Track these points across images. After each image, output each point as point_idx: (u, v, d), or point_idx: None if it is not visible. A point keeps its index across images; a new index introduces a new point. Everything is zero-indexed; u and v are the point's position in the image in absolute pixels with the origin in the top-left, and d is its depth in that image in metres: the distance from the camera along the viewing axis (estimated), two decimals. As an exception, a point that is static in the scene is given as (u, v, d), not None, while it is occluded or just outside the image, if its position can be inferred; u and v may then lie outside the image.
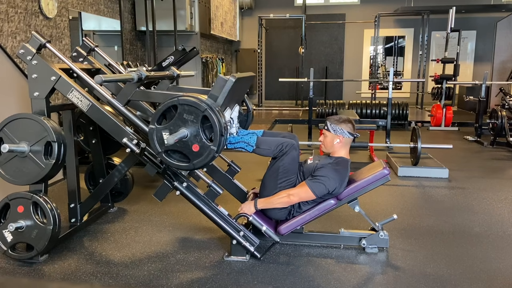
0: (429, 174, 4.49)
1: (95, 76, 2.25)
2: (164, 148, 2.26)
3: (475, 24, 10.69)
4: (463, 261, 2.58)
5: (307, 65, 10.49)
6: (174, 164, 2.29)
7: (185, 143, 2.22)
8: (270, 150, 2.58)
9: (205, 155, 2.22)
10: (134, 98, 2.57)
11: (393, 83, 5.83)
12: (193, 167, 2.29)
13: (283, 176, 2.59)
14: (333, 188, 2.51)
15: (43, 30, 4.24)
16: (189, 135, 2.21)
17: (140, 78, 2.44)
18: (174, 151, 2.28)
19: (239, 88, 2.59)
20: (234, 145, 2.62)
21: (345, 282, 2.34)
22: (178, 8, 6.69)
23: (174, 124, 2.22)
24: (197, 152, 2.22)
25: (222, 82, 2.27)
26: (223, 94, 2.27)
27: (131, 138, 2.54)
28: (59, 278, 2.39)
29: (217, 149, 2.19)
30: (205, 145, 2.21)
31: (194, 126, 2.20)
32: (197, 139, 2.21)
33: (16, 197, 2.50)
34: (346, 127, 2.61)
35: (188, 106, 2.19)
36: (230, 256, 2.60)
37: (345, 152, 2.65)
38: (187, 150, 2.24)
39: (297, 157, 2.62)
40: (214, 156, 2.23)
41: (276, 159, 2.61)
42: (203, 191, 2.65)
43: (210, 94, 2.27)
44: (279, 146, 2.56)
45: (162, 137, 2.24)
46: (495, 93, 8.30)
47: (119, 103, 2.54)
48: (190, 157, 2.25)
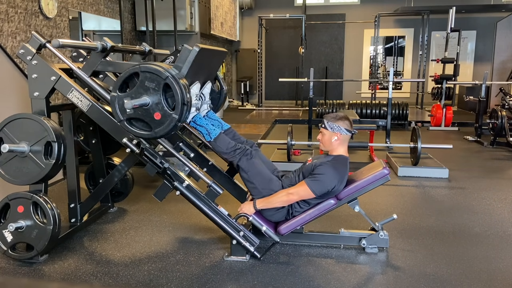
0: (429, 174, 4.49)
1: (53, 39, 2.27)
2: (126, 116, 2.25)
3: (475, 24, 10.69)
4: (463, 261, 2.58)
5: (307, 65, 10.50)
6: (136, 132, 2.29)
7: (147, 111, 2.22)
8: (222, 150, 2.63)
9: (166, 123, 2.21)
10: (99, 69, 2.58)
11: (393, 83, 5.83)
12: (155, 135, 2.28)
13: (259, 180, 2.61)
14: (332, 186, 2.50)
15: (43, 30, 4.24)
16: (150, 103, 2.20)
17: (105, 48, 2.43)
18: (136, 119, 2.27)
19: (209, 62, 2.58)
20: (197, 126, 2.64)
21: (345, 282, 2.34)
22: (178, 8, 6.69)
23: (136, 91, 2.22)
24: (158, 120, 2.22)
25: (186, 53, 2.27)
26: (187, 64, 2.26)
27: (131, 138, 2.54)
28: (59, 278, 2.39)
29: (178, 118, 2.18)
30: (166, 114, 2.20)
31: (156, 94, 2.19)
32: (159, 107, 2.20)
33: (16, 197, 2.50)
34: (343, 124, 2.61)
35: (150, 74, 2.18)
36: (230, 256, 2.60)
37: (343, 149, 2.65)
38: (149, 118, 2.23)
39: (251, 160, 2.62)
40: (176, 125, 2.22)
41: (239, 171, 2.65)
42: (203, 191, 2.65)
43: (174, 65, 2.28)
44: (233, 151, 2.61)
45: (123, 105, 2.22)
46: (495, 93, 8.30)
47: (84, 73, 2.55)
48: (152, 125, 2.25)
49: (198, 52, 2.27)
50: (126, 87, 2.28)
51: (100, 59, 2.54)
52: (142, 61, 3.09)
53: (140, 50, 2.99)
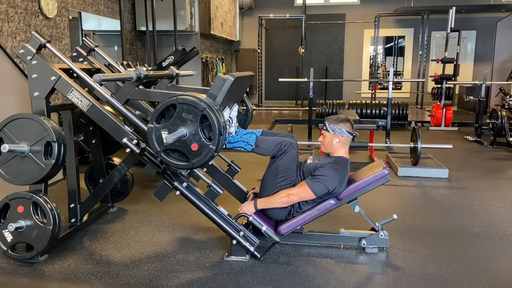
0: (429, 174, 4.49)
1: (94, 75, 2.25)
2: (163, 147, 2.26)
3: (475, 24, 10.69)
4: (463, 261, 2.58)
5: (307, 65, 10.49)
6: (173, 163, 2.29)
7: (184, 142, 2.22)
8: (269, 149, 2.59)
9: (204, 154, 2.22)
10: (133, 97, 2.57)
11: (393, 83, 5.83)
12: (192, 166, 2.29)
13: (283, 175, 2.59)
14: (333, 188, 2.51)
15: (43, 30, 4.24)
16: (188, 134, 2.21)
17: (139, 77, 2.44)
18: (173, 150, 2.28)
19: (238, 87, 2.59)
20: (233, 144, 2.62)
21: (345, 282, 2.34)
22: (178, 8, 6.68)
23: (173, 123, 2.22)
24: (196, 151, 2.22)
25: (221, 81, 2.28)
26: (222, 93, 2.27)
27: (131, 138, 2.54)
28: (59, 278, 2.39)
29: (216, 148, 2.19)
30: (204, 144, 2.21)
31: (193, 125, 2.20)
32: (196, 138, 2.21)
33: (16, 197, 2.50)
34: (345, 127, 2.61)
35: (187, 105, 2.19)
36: (230, 256, 2.60)
37: (344, 151, 2.66)
38: (186, 149, 2.24)
39: (296, 156, 2.63)
40: (213, 155, 2.23)
41: (275, 158, 2.61)
42: (203, 191, 2.65)
43: (209, 93, 2.27)
44: (278, 145, 2.56)
45: (161, 136, 2.24)
46: (495, 93, 8.30)
47: (118, 102, 2.55)
48: (189, 156, 2.25)
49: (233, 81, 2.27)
50: (162, 117, 2.29)
51: (134, 88, 2.54)
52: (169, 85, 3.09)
53: (169, 74, 3.00)
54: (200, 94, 2.26)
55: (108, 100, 2.59)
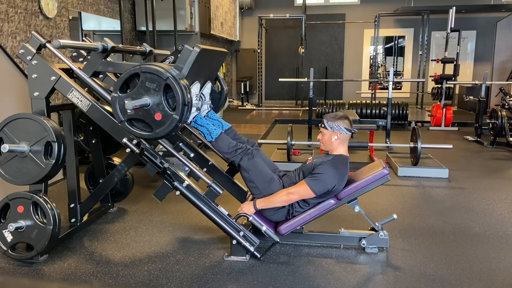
0: (429, 174, 4.49)
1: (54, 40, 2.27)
2: (126, 116, 2.25)
3: (475, 24, 10.69)
4: (463, 261, 2.58)
5: (307, 65, 10.49)
6: (137, 133, 2.29)
7: (148, 111, 2.22)
8: (224, 149, 2.63)
9: (167, 124, 2.21)
10: (99, 70, 2.58)
11: (393, 83, 5.83)
12: (156, 136, 2.28)
13: (260, 179, 2.61)
14: (332, 186, 2.51)
15: (43, 30, 4.24)
16: (151, 104, 2.20)
17: (106, 48, 2.43)
18: (137, 119, 2.27)
19: (209, 62, 2.58)
20: (198, 126, 2.64)
21: (345, 282, 2.34)
22: (178, 8, 6.68)
23: (136, 92, 2.21)
24: (159, 121, 2.21)
25: (187, 53, 2.27)
26: (188, 64, 2.26)
27: (131, 138, 2.54)
28: (59, 278, 2.39)
29: (179, 118, 2.18)
30: (167, 114, 2.20)
31: (157, 94, 2.19)
32: (160, 107, 2.20)
33: (16, 197, 2.50)
34: (343, 124, 2.61)
35: (151, 74, 2.18)
36: (230, 256, 2.60)
37: (343, 149, 2.65)
38: (150, 118, 2.23)
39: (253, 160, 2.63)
40: (177, 126, 2.22)
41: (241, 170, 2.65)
42: (203, 191, 2.65)
43: (175, 65, 2.27)
44: (234, 151, 2.61)
45: (124, 105, 2.22)
46: (495, 93, 8.30)
47: (85, 74, 2.55)
48: (152, 126, 2.25)
49: (199, 52, 2.27)
50: (126, 87, 2.28)
51: (100, 60, 2.54)
52: (143, 62, 3.09)
53: (141, 50, 2.99)
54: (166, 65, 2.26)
55: (75, 73, 2.59)
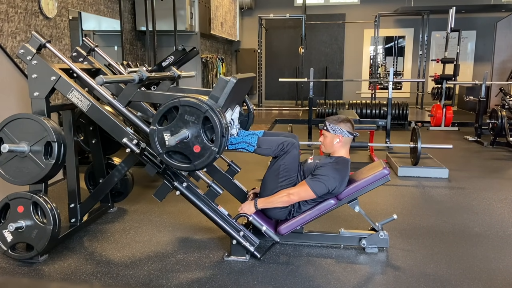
0: (429, 174, 4.49)
1: (97, 77, 2.25)
2: (165, 149, 2.26)
3: (475, 24, 10.69)
4: (463, 261, 2.58)
5: (307, 65, 10.49)
6: (176, 165, 2.30)
7: (186, 144, 2.23)
8: (271, 149, 2.59)
9: (206, 156, 2.22)
10: (135, 99, 2.58)
11: (393, 83, 5.83)
12: (194, 168, 2.29)
13: (284, 174, 2.59)
14: (333, 187, 2.51)
15: (43, 30, 4.24)
16: (190, 136, 2.21)
17: (141, 79, 2.44)
18: (175, 152, 2.28)
19: (240, 88, 2.59)
20: (235, 145, 2.62)
21: (345, 282, 2.34)
22: (178, 8, 6.69)
23: (175, 125, 2.22)
24: (198, 153, 2.22)
25: (223, 83, 2.28)
26: (224, 95, 2.27)
27: (131, 138, 2.54)
28: (59, 278, 2.39)
29: (218, 150, 2.19)
30: (206, 146, 2.21)
31: (195, 127, 2.20)
32: (198, 140, 2.21)
33: (16, 197, 2.50)
34: (345, 127, 2.61)
35: (189, 107, 2.19)
36: (230, 256, 2.60)
37: (345, 151, 2.66)
38: (188, 151, 2.24)
39: (298, 156, 2.63)
40: (215, 157, 2.23)
41: (277, 158, 2.61)
42: (203, 191, 2.65)
43: (211, 95, 2.28)
44: (280, 145, 2.56)
45: (163, 138, 2.24)
46: (495, 93, 8.30)
47: (120, 104, 2.55)
48: (191, 158, 2.25)
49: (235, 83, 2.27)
50: (164, 119, 2.29)
51: (136, 90, 2.54)
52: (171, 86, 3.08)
53: (170, 76, 3.00)
54: (202, 96, 2.26)
55: (110, 102, 2.59)
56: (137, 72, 2.44)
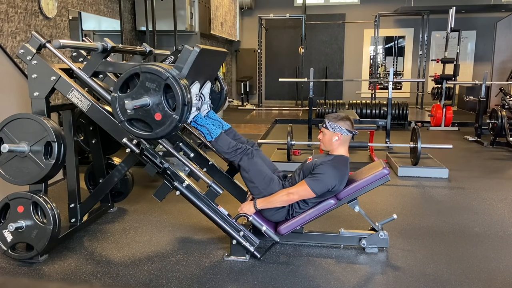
0: (429, 174, 4.49)
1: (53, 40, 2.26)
2: (126, 116, 2.25)
3: (475, 24, 10.69)
4: (463, 261, 2.58)
5: (307, 65, 10.49)
6: (137, 133, 2.29)
7: (148, 111, 2.21)
8: (223, 149, 2.62)
9: (167, 124, 2.21)
10: (99, 69, 2.57)
11: (393, 83, 5.83)
12: (156, 136, 2.28)
13: (260, 180, 2.60)
14: (332, 186, 2.51)
15: (43, 30, 4.24)
16: (151, 104, 2.20)
17: (106, 48, 2.42)
18: (137, 120, 2.27)
19: (209, 62, 2.58)
20: (198, 125, 2.63)
21: (345, 282, 2.34)
22: (178, 8, 6.68)
23: (136, 92, 2.21)
24: (159, 121, 2.21)
25: (187, 53, 2.27)
26: (188, 64, 2.26)
27: (131, 138, 2.54)
28: (59, 278, 2.39)
29: (179, 118, 2.18)
30: (167, 114, 2.19)
31: (157, 94, 2.19)
32: (160, 107, 2.20)
33: (16, 197, 2.50)
34: (344, 125, 2.61)
35: (151, 74, 2.18)
36: (230, 256, 2.60)
37: (344, 150, 2.66)
38: (150, 119, 2.23)
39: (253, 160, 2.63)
40: (177, 126, 2.22)
41: (240, 169, 2.64)
42: (203, 191, 2.65)
43: (175, 65, 2.27)
44: (234, 151, 2.60)
45: (124, 105, 2.22)
46: (495, 93, 8.30)
47: (85, 74, 2.54)
48: (152, 126, 2.24)
49: (198, 52, 2.27)
50: (126, 87, 2.28)
51: (100, 60, 2.54)
52: (143, 62, 3.09)
53: (141, 50, 2.98)
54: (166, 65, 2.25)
55: (75, 73, 2.58)
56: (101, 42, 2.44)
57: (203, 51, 2.32)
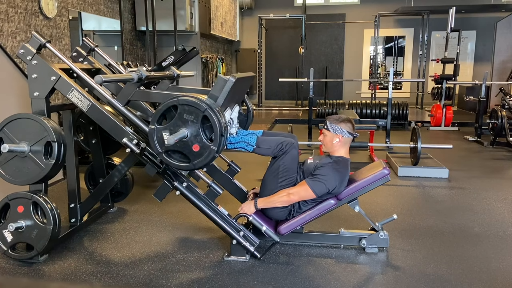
0: (429, 174, 4.49)
1: (95, 76, 2.25)
2: (164, 148, 2.26)
3: (475, 24, 10.69)
4: (463, 261, 2.58)
5: (307, 65, 10.49)
6: (175, 164, 2.30)
7: (185, 143, 2.23)
8: (270, 149, 2.59)
9: (205, 155, 2.22)
10: (134, 99, 2.57)
11: (393, 83, 5.83)
12: (194, 167, 2.29)
13: (284, 175, 2.59)
14: (333, 187, 2.51)
15: (43, 30, 4.24)
16: (189, 135, 2.21)
17: (140, 78, 2.44)
18: (174, 151, 2.28)
19: (239, 88, 2.59)
20: (234, 145, 2.62)
21: (345, 282, 2.34)
22: (178, 8, 6.68)
23: (174, 124, 2.22)
24: (197, 152, 2.22)
25: (222, 82, 2.28)
26: (223, 94, 2.27)
27: (131, 138, 2.54)
28: (59, 278, 2.39)
29: (217, 149, 2.19)
30: (205, 145, 2.21)
31: (194, 126, 2.20)
32: (198, 139, 2.21)
33: (16, 197, 2.50)
34: (346, 127, 2.62)
35: (188, 106, 2.19)
36: (230, 256, 2.60)
37: (345, 151, 2.66)
38: (187, 150, 2.24)
39: (297, 156, 2.63)
40: (215, 156, 2.23)
41: (277, 158, 2.61)
42: (203, 191, 2.65)
43: (210, 94, 2.28)
44: (279, 145, 2.57)
45: (162, 137, 2.24)
46: (495, 93, 8.30)
47: (119, 103, 2.54)
48: (190, 157, 2.25)
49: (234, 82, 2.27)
50: (163, 118, 2.29)
51: (135, 89, 2.53)
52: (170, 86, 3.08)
53: (170, 76, 2.99)
54: (201, 95, 2.26)
55: (109, 102, 2.59)
56: (136, 71, 2.44)
57: (238, 80, 2.32)
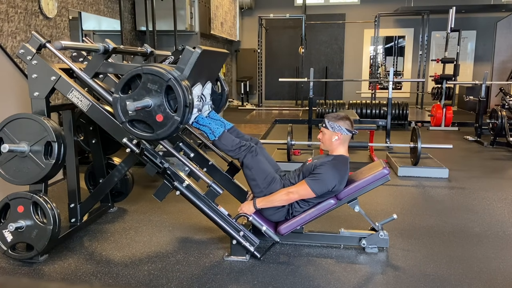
0: (429, 174, 4.49)
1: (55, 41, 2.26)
2: (128, 117, 2.26)
3: (475, 24, 10.69)
4: (463, 261, 2.58)
5: (307, 65, 10.49)
6: (138, 134, 2.29)
7: (149, 112, 2.22)
8: (227, 147, 2.62)
9: (168, 126, 2.21)
10: (101, 71, 2.57)
11: (393, 83, 5.83)
12: (157, 137, 2.28)
13: (262, 178, 2.60)
14: (332, 186, 2.51)
15: (43, 30, 4.24)
16: (152, 105, 2.20)
17: (107, 50, 2.42)
18: (138, 121, 2.27)
19: (210, 63, 2.58)
20: (200, 126, 2.64)
21: (345, 282, 2.34)
22: (178, 8, 6.69)
23: (138, 93, 2.22)
24: (160, 122, 2.22)
25: (188, 54, 2.27)
26: (189, 65, 2.26)
27: (131, 138, 2.54)
28: (59, 278, 2.39)
29: (181, 120, 2.18)
30: (168, 116, 2.20)
31: (158, 96, 2.19)
32: (161, 109, 2.20)
33: (16, 197, 2.50)
34: (344, 124, 2.61)
35: (152, 76, 2.18)
36: (230, 256, 2.60)
37: (344, 149, 2.66)
38: (151, 120, 2.23)
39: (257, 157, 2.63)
40: (178, 127, 2.22)
41: (243, 167, 2.64)
42: (203, 191, 2.65)
43: (176, 66, 2.27)
44: (238, 148, 2.61)
45: (126, 106, 2.22)
46: (495, 93, 8.30)
47: (86, 75, 2.54)
48: (154, 127, 2.25)
49: (200, 53, 2.27)
50: (128, 88, 2.28)
51: (102, 61, 2.54)
52: (144, 63, 3.09)
53: (142, 51, 2.98)
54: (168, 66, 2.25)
55: (76, 74, 2.58)
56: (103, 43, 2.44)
57: (205, 52, 2.32)
